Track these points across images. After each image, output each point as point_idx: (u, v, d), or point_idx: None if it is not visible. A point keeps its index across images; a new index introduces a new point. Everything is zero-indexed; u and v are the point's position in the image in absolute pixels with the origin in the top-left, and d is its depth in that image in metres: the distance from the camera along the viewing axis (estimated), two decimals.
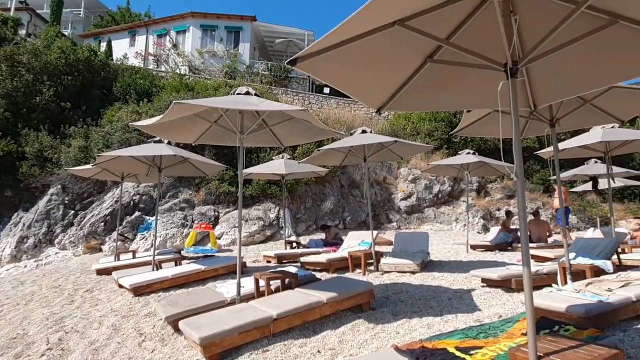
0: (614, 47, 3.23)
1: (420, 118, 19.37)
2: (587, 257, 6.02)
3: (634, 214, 17.93)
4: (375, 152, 8.27)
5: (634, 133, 8.28)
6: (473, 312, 5.11)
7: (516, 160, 2.77)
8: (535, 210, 12.48)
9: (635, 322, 4.41)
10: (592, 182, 12.59)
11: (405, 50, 3.30)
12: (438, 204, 16.81)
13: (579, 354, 2.66)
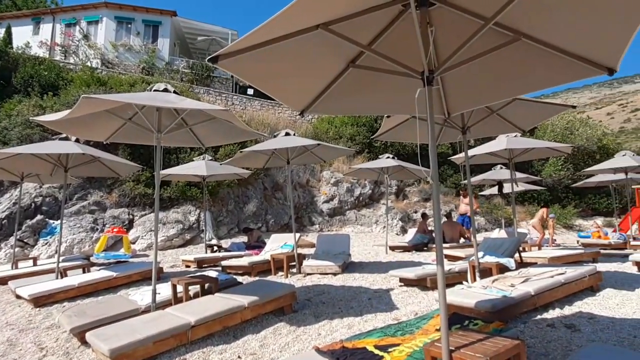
0: (516, 62, 3.50)
1: (342, 122, 19.79)
2: (493, 255, 6.49)
3: (532, 215, 19.72)
4: (299, 154, 8.30)
5: (532, 142, 9.09)
6: (391, 311, 5.28)
7: (432, 164, 2.89)
8: (448, 212, 13.26)
9: (533, 314, 4.83)
10: (497, 186, 13.61)
11: (329, 53, 3.33)
12: (359, 206, 17.27)
13: (486, 345, 2.84)
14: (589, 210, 21.96)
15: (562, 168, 21.26)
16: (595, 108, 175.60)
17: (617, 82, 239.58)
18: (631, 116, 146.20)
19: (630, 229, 15.16)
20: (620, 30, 2.71)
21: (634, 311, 4.80)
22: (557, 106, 5.95)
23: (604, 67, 3.14)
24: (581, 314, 4.78)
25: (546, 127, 23.41)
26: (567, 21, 2.92)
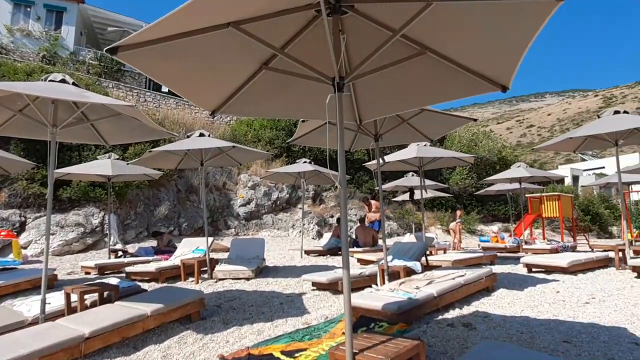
0: (424, 74, 3.67)
1: (261, 125, 19.64)
2: (402, 259, 6.76)
3: (440, 220, 20.96)
4: (213, 156, 8.06)
5: (440, 151, 9.63)
6: (302, 315, 5.28)
7: (340, 169, 2.93)
8: (361, 217, 13.62)
9: (436, 314, 5.08)
10: (409, 193, 14.27)
11: (241, 53, 3.26)
12: (276, 210, 17.20)
13: (388, 347, 2.92)
14: (490, 216, 23.79)
15: (467, 177, 22.81)
16: (497, 123, 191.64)
17: (516, 100, 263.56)
18: (526, 131, 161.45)
19: (523, 234, 16.67)
20: (511, 53, 2.93)
21: (522, 309, 5.23)
22: (460, 118, 6.35)
23: (498, 84, 3.39)
24: (477, 313, 5.11)
25: (454, 138, 25.02)
26: (466, 40, 3.11)
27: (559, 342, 3.98)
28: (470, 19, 2.86)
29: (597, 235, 24.65)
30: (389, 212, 19.62)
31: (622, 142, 8.19)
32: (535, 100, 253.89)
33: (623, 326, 4.42)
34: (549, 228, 22.40)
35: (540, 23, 2.49)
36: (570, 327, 4.43)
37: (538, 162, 63.17)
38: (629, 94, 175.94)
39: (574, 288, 6.32)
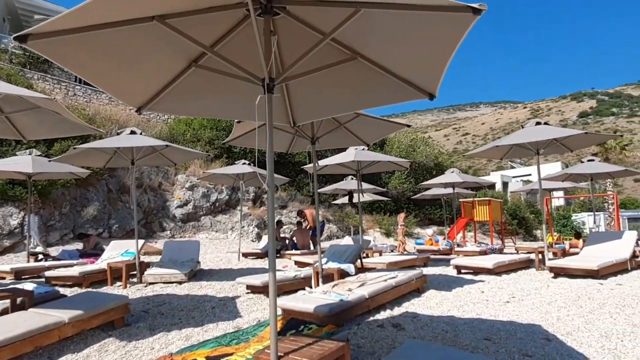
0: (356, 79, 3.72)
1: (201, 125, 19.15)
2: (336, 261, 6.82)
3: (379, 223, 21.43)
4: (146, 155, 7.74)
5: (377, 155, 9.84)
6: (234, 319, 5.18)
7: (268, 172, 2.90)
8: (298, 220, 13.66)
9: (367, 315, 5.16)
10: (348, 196, 14.47)
11: (168, 49, 3.14)
12: (215, 212, 16.83)
13: (314, 349, 2.92)
14: (426, 219, 24.66)
15: (405, 181, 23.51)
16: (435, 129, 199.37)
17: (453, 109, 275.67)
18: (462, 139, 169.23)
19: (456, 237, 17.42)
20: (435, 63, 3.04)
21: (449, 309, 5.44)
22: (395, 124, 6.51)
23: (426, 92, 3.50)
24: (407, 313, 5.25)
25: (393, 143, 25.71)
26: (395, 48, 3.19)
27: (480, 340, 4.17)
28: (398, 28, 2.93)
29: (523, 238, 26.27)
30: (329, 215, 19.79)
31: (542, 152, 8.77)
32: (471, 110, 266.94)
33: (538, 323, 4.70)
34: (480, 231, 23.55)
35: (460, 36, 2.59)
36: (491, 325, 4.66)
37: (472, 169, 66.39)
38: (553, 107, 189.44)
39: (497, 288, 6.67)
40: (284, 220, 17.33)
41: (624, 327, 4.44)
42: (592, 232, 10.35)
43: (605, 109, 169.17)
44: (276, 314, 2.82)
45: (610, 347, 3.91)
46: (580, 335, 4.25)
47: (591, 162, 12.39)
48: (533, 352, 3.81)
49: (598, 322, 4.68)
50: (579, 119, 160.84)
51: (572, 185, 16.59)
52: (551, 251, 10.17)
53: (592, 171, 11.83)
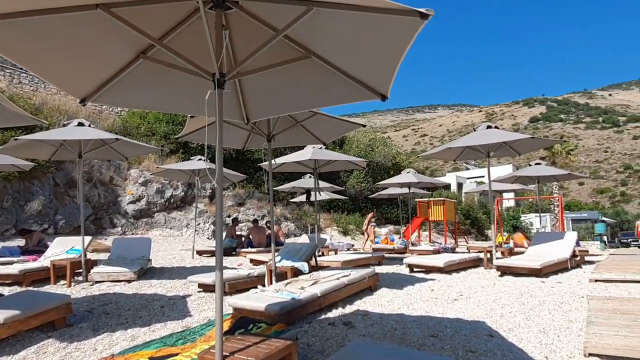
0: (311, 77, 3.71)
1: (156, 118, 18.62)
2: (290, 260, 6.81)
3: (337, 222, 21.59)
4: (95, 148, 7.43)
5: (334, 154, 9.88)
6: (184, 318, 5.07)
7: (217, 168, 2.85)
8: (255, 218, 13.57)
9: (319, 314, 5.18)
10: (306, 194, 14.48)
11: (115, 39, 3.02)
12: (169, 208, 16.43)
13: (260, 348, 2.90)
14: (383, 219, 25.06)
15: (363, 180, 23.80)
16: (395, 130, 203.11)
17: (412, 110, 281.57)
18: (420, 140, 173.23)
19: (411, 236, 17.80)
20: (387, 64, 3.07)
21: (399, 307, 5.54)
22: (351, 124, 6.57)
23: (378, 93, 3.53)
24: (358, 311, 5.31)
25: (352, 142, 25.97)
26: (347, 48, 3.21)
27: (427, 337, 4.27)
28: (350, 29, 2.95)
29: (475, 238, 27.19)
30: (287, 213, 19.76)
31: (493, 154, 9.09)
32: (429, 112, 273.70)
33: (482, 320, 4.87)
34: (434, 230, 24.19)
35: (410, 39, 2.64)
36: (438, 322, 4.78)
37: (430, 169, 68.09)
38: (507, 112, 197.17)
39: (447, 286, 6.86)
40: (241, 218, 17.15)
41: (561, 323, 4.66)
42: (537, 233, 10.82)
43: (554, 115, 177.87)
44: (222, 313, 2.77)
45: (547, 342, 4.10)
46: (520, 331, 4.43)
47: (538, 165, 12.96)
48: (476, 348, 3.94)
49: (538, 318, 4.90)
50: (530, 124, 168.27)
51: (521, 188, 17.29)
52: (499, 250, 10.57)
53: (539, 174, 12.37)
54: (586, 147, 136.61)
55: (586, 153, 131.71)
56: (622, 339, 3.96)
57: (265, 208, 18.90)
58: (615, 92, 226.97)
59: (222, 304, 2.80)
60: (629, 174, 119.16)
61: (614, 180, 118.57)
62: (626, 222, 59.44)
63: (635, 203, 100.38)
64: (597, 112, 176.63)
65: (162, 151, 16.58)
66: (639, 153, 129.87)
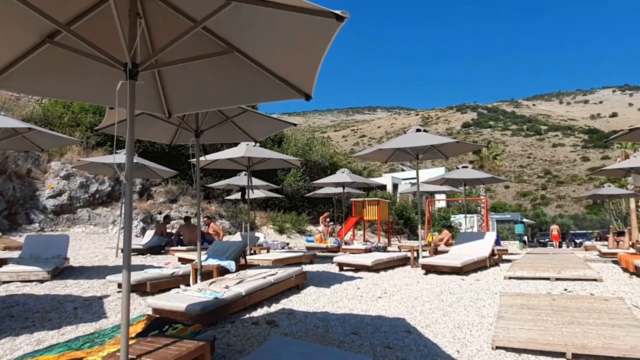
0: (235, 73, 3.64)
1: (82, 108, 17.51)
2: (217, 258, 6.67)
3: (273, 220, 21.47)
4: (5, 137, 6.87)
5: (268, 152, 9.84)
6: (98, 320, 4.83)
7: (127, 162, 2.72)
8: (186, 216, 13.20)
9: (243, 313, 5.11)
10: (241, 192, 14.27)
11: (16, 20, 2.79)
12: (94, 204, 15.54)
13: (170, 350, 2.80)
14: (319, 217, 25.26)
15: (300, 179, 23.84)
16: (334, 130, 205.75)
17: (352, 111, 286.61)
18: (359, 140, 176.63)
19: (344, 235, 18.08)
20: (308, 64, 3.08)
21: (324, 305, 5.60)
22: (282, 122, 6.55)
23: (302, 93, 3.53)
24: (284, 310, 5.30)
25: (290, 141, 25.95)
26: (271, 46, 3.18)
27: (348, 334, 4.34)
28: (273, 26, 2.92)
29: (408, 237, 28.09)
30: (222, 210, 19.38)
31: (421, 156, 9.44)
32: (368, 113, 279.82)
33: (403, 317, 5.03)
34: (369, 230, 24.72)
35: (328, 40, 2.66)
36: (360, 320, 4.88)
37: (367, 170, 69.58)
38: (441, 116, 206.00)
39: (373, 284, 7.03)
40: (174, 215, 16.60)
41: (474, 319, 4.92)
42: (460, 233, 11.37)
43: (484, 121, 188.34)
44: (128, 314, 2.65)
45: (460, 337, 4.31)
46: (437, 327, 4.63)
47: (465, 168, 13.64)
48: (394, 345, 4.06)
49: (454, 314, 5.13)
50: (462, 129, 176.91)
51: (450, 189, 18.08)
52: (427, 249, 10.99)
53: (465, 177, 13.02)
54: (512, 152, 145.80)
55: (512, 158, 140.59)
56: (526, 332, 4.25)
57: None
58: (538, 102, 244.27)
59: (128, 304, 2.68)
60: (548, 179, 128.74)
61: (535, 184, 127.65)
62: (545, 224, 64.13)
63: (553, 206, 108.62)
64: (522, 120, 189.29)
65: (87, 143, 15.68)
66: (558, 160, 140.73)
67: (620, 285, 6.61)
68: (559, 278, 7.10)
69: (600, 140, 39.74)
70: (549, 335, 4.05)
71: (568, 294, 6.02)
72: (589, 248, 17.62)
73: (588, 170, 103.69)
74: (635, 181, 12.29)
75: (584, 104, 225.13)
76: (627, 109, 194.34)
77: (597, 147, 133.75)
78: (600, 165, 30.73)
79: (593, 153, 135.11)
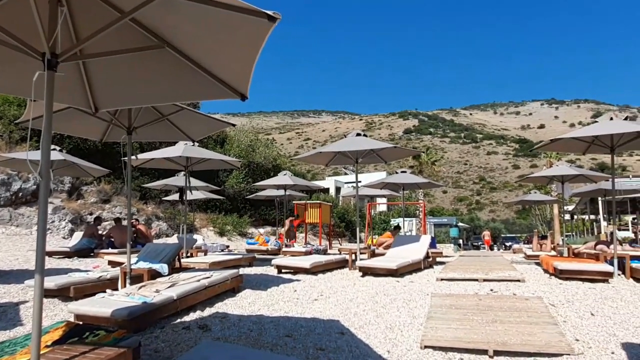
0: (168, 69, 3.51)
1: (5, 100, 16.23)
2: (149, 261, 6.42)
3: (213, 222, 21.01)
4: None
5: (207, 152, 9.60)
6: (13, 328, 4.50)
7: (42, 158, 2.55)
8: (117, 217, 12.65)
9: (174, 318, 4.94)
10: (179, 192, 13.84)
11: None
12: (17, 203, 14.45)
13: (87, 358, 2.66)
14: (261, 220, 25.04)
15: (242, 181, 23.51)
16: (279, 132, 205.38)
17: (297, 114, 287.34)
18: (304, 143, 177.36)
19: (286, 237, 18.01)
20: (243, 64, 3.04)
21: (259, 308, 5.54)
22: (221, 122, 6.43)
23: (238, 92, 3.47)
24: (217, 314, 5.18)
25: (233, 141, 25.56)
26: (205, 43, 3.11)
27: (281, 337, 4.31)
28: (206, 23, 2.86)
29: (349, 240, 28.50)
30: (159, 212, 18.71)
31: (361, 160, 9.61)
32: (314, 117, 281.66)
33: (337, 319, 5.07)
34: (311, 232, 24.81)
35: (262, 40, 2.64)
36: (295, 322, 4.87)
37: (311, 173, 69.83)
38: (384, 122, 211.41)
39: (310, 287, 7.04)
40: (106, 216, 15.81)
41: (406, 319, 5.05)
42: (398, 236, 11.68)
43: (425, 128, 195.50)
44: (40, 320, 2.47)
45: (392, 337, 4.41)
46: (370, 328, 4.70)
47: (404, 173, 14.05)
48: (326, 346, 4.08)
49: (387, 315, 5.24)
50: (404, 135, 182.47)
51: (390, 194, 18.55)
52: (366, 252, 11.18)
53: (404, 181, 13.41)
54: (450, 159, 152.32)
55: (449, 164, 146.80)
56: (453, 331, 4.43)
57: (134, 205, 17.66)
58: (475, 112, 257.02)
59: (41, 309, 2.50)
60: (482, 185, 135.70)
61: (471, 190, 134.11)
62: (479, 227, 67.41)
63: (486, 211, 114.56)
64: (460, 128, 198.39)
65: (10, 137, 14.60)
66: (491, 167, 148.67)
67: (540, 285, 7.06)
68: (486, 279, 7.46)
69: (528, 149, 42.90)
70: (474, 334, 4.24)
71: (493, 294, 6.33)
72: (516, 251, 18.75)
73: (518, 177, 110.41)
74: (557, 188, 13.21)
75: (515, 115, 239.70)
76: (554, 121, 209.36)
77: (526, 156, 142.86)
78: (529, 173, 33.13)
79: (523, 161, 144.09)
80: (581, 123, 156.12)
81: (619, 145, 7.74)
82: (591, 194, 17.12)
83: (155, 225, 17.73)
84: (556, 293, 6.31)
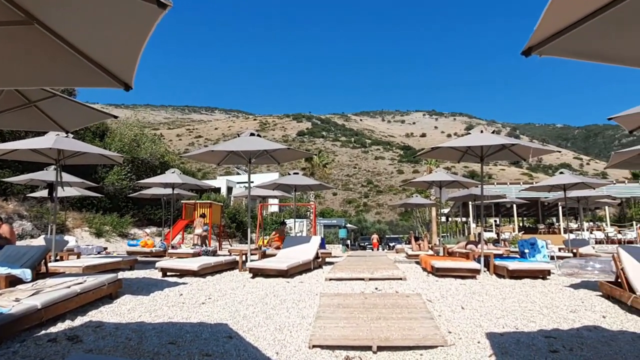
0: (40, 50, 3.10)
1: None
2: (7, 266, 5.65)
3: (89, 222, 19.25)
4: None
5: (85, 145, 8.76)
6: None
7: None
8: None
9: (38, 329, 4.40)
10: (48, 189, 12.41)
11: None
12: None
13: None
14: (146, 220, 23.56)
15: (125, 178, 21.92)
16: (168, 128, 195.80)
17: (188, 110, 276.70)
18: (195, 141, 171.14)
19: (172, 239, 17.20)
20: (128, 51, 2.80)
21: (140, 315, 5.17)
22: (100, 113, 5.89)
23: (121, 81, 3.19)
24: (91, 323, 4.73)
25: (115, 135, 23.70)
26: (83, 24, 2.81)
27: (164, 345, 4.06)
28: (87, 3, 2.58)
29: (240, 241, 28.10)
30: (23, 210, 16.63)
31: (254, 161, 9.51)
32: (206, 113, 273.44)
33: (225, 322, 4.92)
34: None
35: (150, 27, 2.46)
36: (180, 328, 4.62)
37: (202, 172, 67.51)
38: (278, 123, 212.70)
39: (197, 290, 6.77)
40: None
41: (295, 320, 5.07)
42: (288, 236, 11.79)
43: (318, 131, 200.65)
44: None
45: (281, 338, 4.38)
46: (259, 330, 4.64)
47: (296, 175, 14.21)
48: (213, 352, 3.93)
49: (277, 317, 5.22)
50: (297, 137, 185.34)
51: (282, 194, 18.67)
52: (257, 253, 11.09)
53: (296, 183, 13.57)
54: (340, 162, 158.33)
55: (340, 167, 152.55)
56: (340, 329, 4.55)
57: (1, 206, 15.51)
58: (365, 118, 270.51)
59: None
60: (370, 188, 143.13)
61: (359, 192, 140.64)
62: (366, 229, 70.98)
63: (373, 213, 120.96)
64: (351, 133, 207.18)
65: None
66: (379, 171, 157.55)
67: (420, 282, 7.61)
68: (372, 278, 7.84)
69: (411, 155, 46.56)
70: (360, 331, 4.41)
71: (378, 292, 6.67)
72: (399, 250, 20.08)
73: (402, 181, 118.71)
74: (436, 193, 14.40)
75: (401, 123, 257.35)
76: (434, 131, 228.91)
77: (409, 161, 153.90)
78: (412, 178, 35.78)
79: (407, 167, 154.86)
80: (456, 134, 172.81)
81: (487, 156, 8.67)
82: (464, 199, 19.02)
83: (18, 225, 15.72)
84: (433, 289, 6.84)
